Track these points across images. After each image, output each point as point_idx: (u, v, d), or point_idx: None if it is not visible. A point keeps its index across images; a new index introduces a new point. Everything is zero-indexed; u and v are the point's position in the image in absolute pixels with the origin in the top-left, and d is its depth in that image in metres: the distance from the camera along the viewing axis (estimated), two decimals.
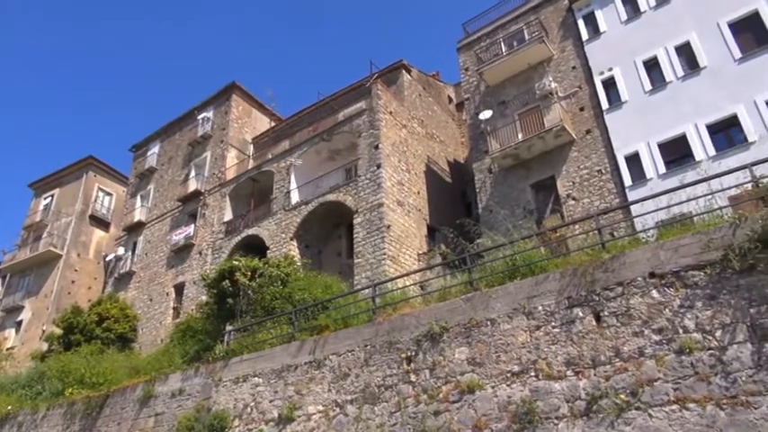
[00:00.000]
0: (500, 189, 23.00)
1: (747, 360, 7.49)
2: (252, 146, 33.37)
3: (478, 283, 11.08)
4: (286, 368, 12.96)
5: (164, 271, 30.81)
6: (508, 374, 9.52)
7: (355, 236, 22.92)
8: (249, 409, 13.09)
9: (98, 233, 37.33)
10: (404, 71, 29.10)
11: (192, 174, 32.98)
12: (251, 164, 31.52)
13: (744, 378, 7.42)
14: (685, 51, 20.25)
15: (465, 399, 9.75)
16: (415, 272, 19.16)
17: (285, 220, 25.78)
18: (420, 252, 23.50)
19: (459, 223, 15.66)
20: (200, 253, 29.28)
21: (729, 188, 9.65)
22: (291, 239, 25.06)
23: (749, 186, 9.32)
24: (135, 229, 34.26)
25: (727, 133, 18.41)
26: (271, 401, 12.79)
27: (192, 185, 32.08)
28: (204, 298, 20.95)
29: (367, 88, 26.92)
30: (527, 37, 24.70)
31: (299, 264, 20.96)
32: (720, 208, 9.42)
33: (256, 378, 13.43)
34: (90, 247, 36.47)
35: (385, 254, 21.45)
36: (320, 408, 11.81)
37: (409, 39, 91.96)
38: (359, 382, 11.46)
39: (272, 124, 34.70)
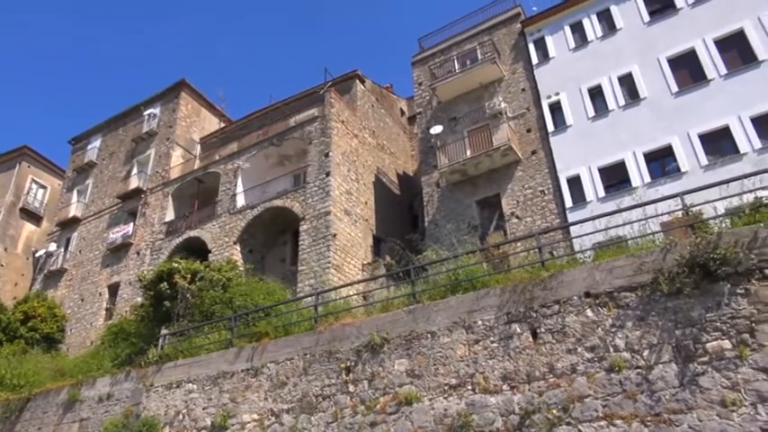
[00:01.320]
0: (447, 204, 23.34)
1: (671, 379, 7.85)
2: (199, 146, 32.62)
3: (421, 296, 11.18)
4: (222, 375, 12.67)
5: (98, 270, 29.60)
6: (446, 387, 9.62)
7: (300, 243, 22.72)
8: (181, 417, 12.70)
9: (29, 227, 35.46)
10: (358, 81, 29.21)
11: (135, 171, 31.90)
12: (197, 164, 30.81)
13: (667, 396, 7.76)
14: (627, 82, 21.22)
15: (402, 410, 9.79)
16: (359, 282, 19.16)
17: (229, 224, 25.30)
18: (365, 262, 23.52)
19: (407, 238, 15.79)
20: (138, 253, 28.30)
21: (662, 214, 10.16)
22: (235, 243, 24.60)
23: (680, 214, 9.82)
24: (69, 224, 32.78)
25: (662, 162, 19.34)
26: (204, 409, 12.45)
27: (134, 183, 31.03)
28: (140, 300, 20.29)
29: (320, 96, 26.87)
30: (480, 56, 25.29)
31: (241, 269, 20.62)
32: (653, 233, 9.88)
33: (190, 384, 13.06)
34: (19, 242, 34.60)
35: (330, 262, 21.35)
36: (255, 416, 11.59)
37: (364, 50, 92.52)
38: (296, 392, 11.32)
39: (222, 125, 34.05)
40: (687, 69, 20.18)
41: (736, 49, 19.47)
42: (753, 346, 7.52)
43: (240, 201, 25.90)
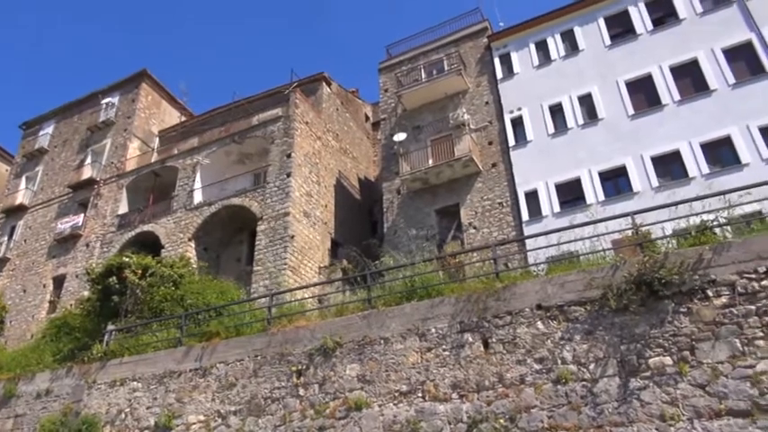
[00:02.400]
0: (406, 211, 23.47)
1: (614, 393, 8.08)
2: (158, 139, 31.88)
3: (376, 302, 11.20)
4: (169, 374, 12.37)
5: (43, 260, 28.50)
6: (396, 394, 9.65)
7: (257, 243, 22.45)
8: (123, 416, 12.34)
9: None
10: (324, 83, 29.13)
11: (89, 160, 30.88)
12: (155, 157, 30.09)
13: (610, 409, 7.99)
14: (586, 102, 21.84)
15: (351, 416, 9.76)
16: (315, 285, 19.04)
17: (185, 220, 24.79)
18: (322, 265, 23.41)
19: (365, 243, 15.81)
20: (87, 245, 27.41)
21: (613, 232, 10.48)
22: (189, 240, 24.12)
23: (630, 232, 10.14)
24: (15, 212, 31.46)
25: (615, 182, 19.95)
26: (148, 408, 12.13)
27: (87, 172, 30.03)
28: (86, 293, 19.64)
29: (285, 95, 26.67)
30: (446, 68, 25.61)
31: (194, 266, 20.24)
32: (604, 250, 10.17)
33: (135, 382, 12.70)
34: None
35: (286, 264, 21.16)
36: (201, 418, 11.36)
37: (331, 53, 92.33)
38: (245, 393, 11.16)
39: (183, 119, 33.37)
40: (643, 93, 20.91)
41: (689, 78, 20.30)
42: (692, 363, 7.82)
43: (197, 197, 25.43)
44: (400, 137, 24.42)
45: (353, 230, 26.50)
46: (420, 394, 9.45)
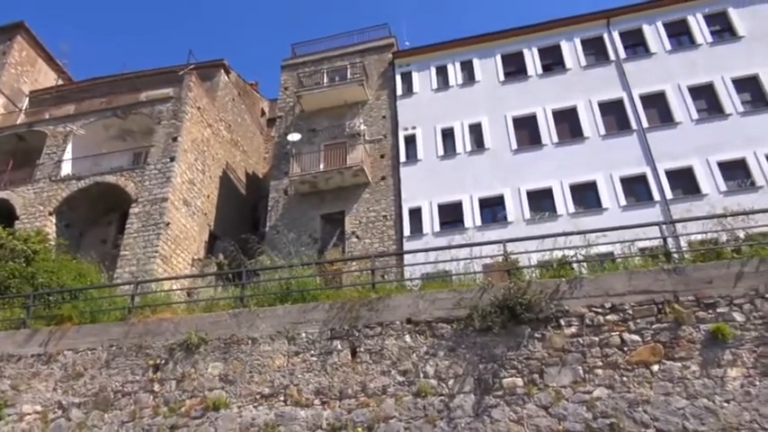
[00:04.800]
0: (291, 213, 23.25)
1: (469, 409, 8.50)
2: (28, 99, 29.05)
3: (249, 301, 10.94)
4: (6, 358, 11.18)
5: None
6: (257, 396, 9.46)
7: (128, 226, 21.11)
8: None
9: None
10: (223, 71, 28.28)
11: None
12: (21, 118, 27.38)
13: (462, 424, 8.38)
14: (476, 131, 23.02)
15: (208, 416, 9.42)
16: (186, 277, 18.24)
17: (48, 191, 22.73)
18: (196, 257, 22.49)
19: (243, 237, 15.40)
20: None
21: (485, 257, 11.07)
22: (50, 215, 22.15)
23: (500, 259, 10.77)
24: None
25: (492, 210, 21.15)
26: None
27: None
28: None
29: (179, 76, 25.48)
30: (349, 76, 25.85)
31: (53, 243, 18.61)
32: (475, 272, 10.71)
33: None
34: None
35: (157, 251, 20.09)
36: (38, 408, 10.38)
37: (235, 42, 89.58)
38: (93, 385, 10.37)
39: (60, 83, 30.70)
40: (527, 131, 22.45)
41: (567, 123, 22.12)
42: (540, 386, 8.43)
43: (66, 169, 23.46)
44: (294, 137, 24.22)
45: (234, 225, 25.75)
46: (282, 398, 9.33)
